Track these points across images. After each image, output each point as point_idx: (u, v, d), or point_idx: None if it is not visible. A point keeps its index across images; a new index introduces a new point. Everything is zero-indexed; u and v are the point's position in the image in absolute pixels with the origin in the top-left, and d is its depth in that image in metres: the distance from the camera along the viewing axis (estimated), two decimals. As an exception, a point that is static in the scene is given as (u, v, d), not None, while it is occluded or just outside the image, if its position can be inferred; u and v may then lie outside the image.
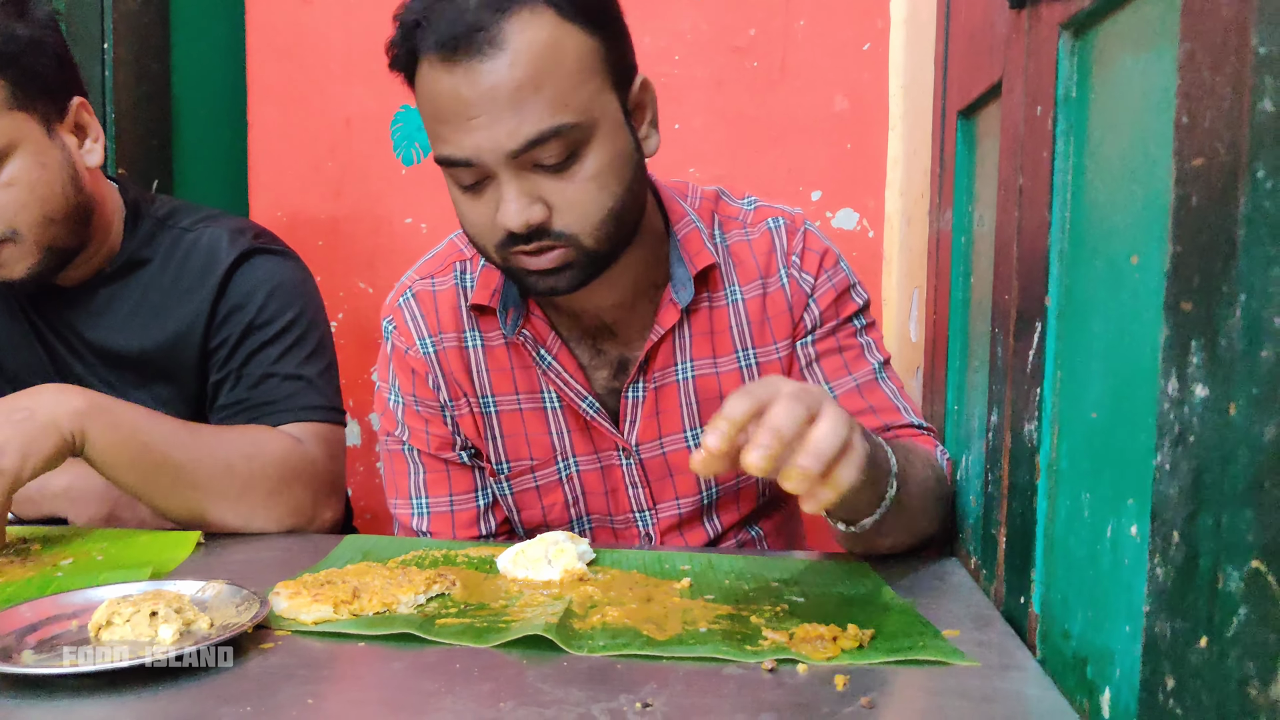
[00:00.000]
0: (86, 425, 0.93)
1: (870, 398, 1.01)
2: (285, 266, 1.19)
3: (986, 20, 0.93)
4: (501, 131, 0.82)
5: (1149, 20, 0.56)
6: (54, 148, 1.05)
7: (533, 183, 0.85)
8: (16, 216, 1.02)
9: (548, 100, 0.82)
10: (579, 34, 0.83)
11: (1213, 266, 0.43)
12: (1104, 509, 0.61)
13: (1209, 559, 0.43)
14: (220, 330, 1.14)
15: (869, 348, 1.04)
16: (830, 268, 1.03)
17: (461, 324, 1.04)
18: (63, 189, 1.05)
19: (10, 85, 1.00)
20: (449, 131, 0.84)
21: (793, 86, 1.71)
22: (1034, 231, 0.73)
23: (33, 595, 0.79)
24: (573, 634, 0.71)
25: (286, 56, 1.84)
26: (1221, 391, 0.42)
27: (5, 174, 1.00)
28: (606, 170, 0.86)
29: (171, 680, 0.65)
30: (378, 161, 1.83)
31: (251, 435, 1.07)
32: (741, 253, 1.03)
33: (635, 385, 1.02)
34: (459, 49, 0.81)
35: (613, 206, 0.88)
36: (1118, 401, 0.60)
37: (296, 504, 1.07)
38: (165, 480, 0.99)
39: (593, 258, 0.89)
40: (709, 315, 1.02)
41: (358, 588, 0.79)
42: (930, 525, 0.94)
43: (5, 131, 1.00)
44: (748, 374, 1.03)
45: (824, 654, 0.67)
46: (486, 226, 0.88)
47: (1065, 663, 0.65)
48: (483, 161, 0.83)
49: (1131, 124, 0.59)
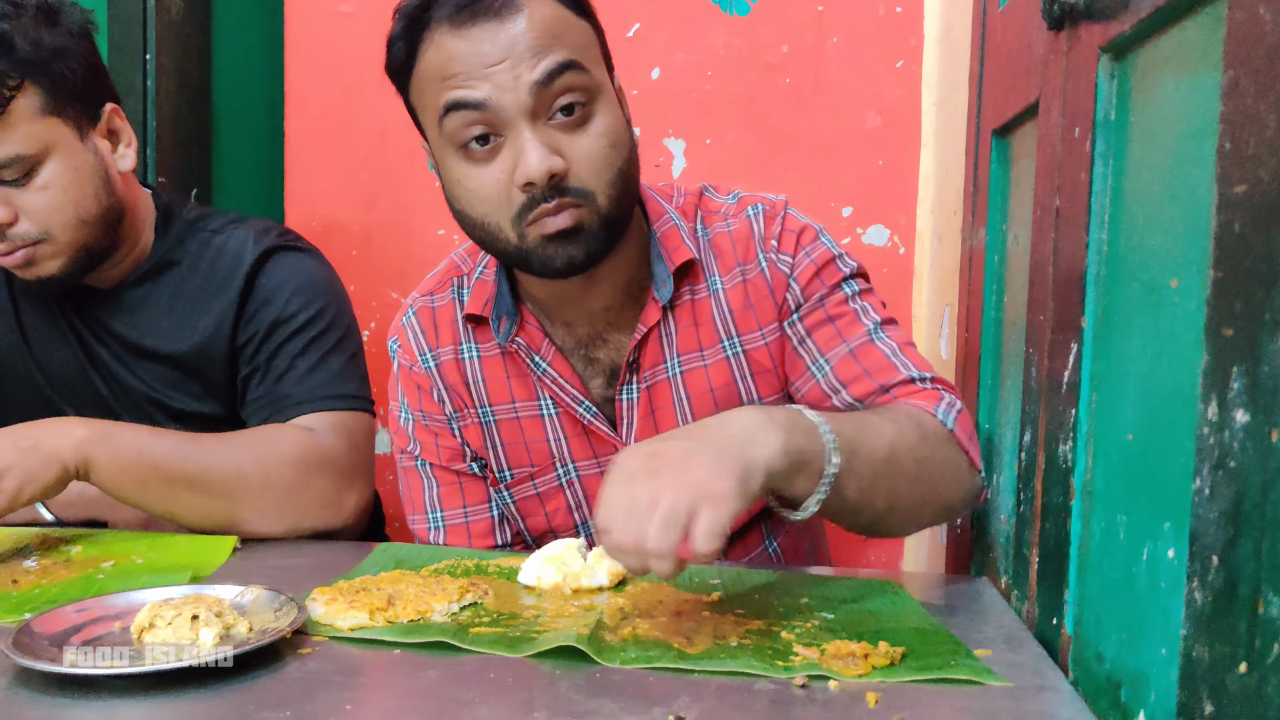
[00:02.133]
0: (89, 453, 0.96)
1: (865, 360, 0.97)
2: (309, 263, 1.22)
3: (1023, 41, 0.93)
4: (523, 68, 0.85)
5: (1191, 45, 0.56)
6: (86, 152, 1.08)
7: (549, 135, 0.87)
8: (50, 219, 1.05)
9: (563, 48, 0.87)
10: (578, 18, 0.91)
11: (1255, 293, 0.43)
12: (1140, 531, 0.61)
13: (1249, 584, 0.43)
14: (247, 327, 1.16)
15: (863, 311, 1.00)
16: (808, 244, 1.02)
17: (458, 336, 1.07)
18: (95, 192, 1.08)
19: (42, 92, 1.03)
20: (464, 79, 0.86)
21: (825, 103, 1.71)
22: (1071, 253, 0.73)
23: (76, 597, 0.81)
24: (605, 646, 0.72)
25: (324, 68, 1.86)
26: (1263, 418, 0.42)
27: (40, 178, 1.04)
28: (614, 131, 0.91)
29: (212, 683, 0.66)
30: (411, 173, 1.85)
31: (260, 436, 1.09)
32: (722, 243, 1.03)
33: (628, 386, 1.03)
34: (477, 14, 0.86)
35: (621, 167, 0.91)
36: (1154, 424, 0.60)
37: (319, 495, 1.08)
38: (180, 494, 1.01)
39: (605, 221, 0.90)
40: (692, 308, 1.03)
41: (392, 595, 0.80)
42: (927, 487, 0.88)
43: (39, 137, 1.03)
44: (735, 363, 1.03)
45: (855, 671, 0.68)
46: (503, 192, 0.89)
47: (1099, 685, 0.65)
48: (501, 105, 0.86)
49: (1172, 148, 0.59)
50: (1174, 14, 0.58)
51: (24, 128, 1.01)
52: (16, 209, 1.03)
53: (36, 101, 1.02)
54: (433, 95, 0.89)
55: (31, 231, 1.05)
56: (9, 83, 0.99)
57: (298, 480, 1.06)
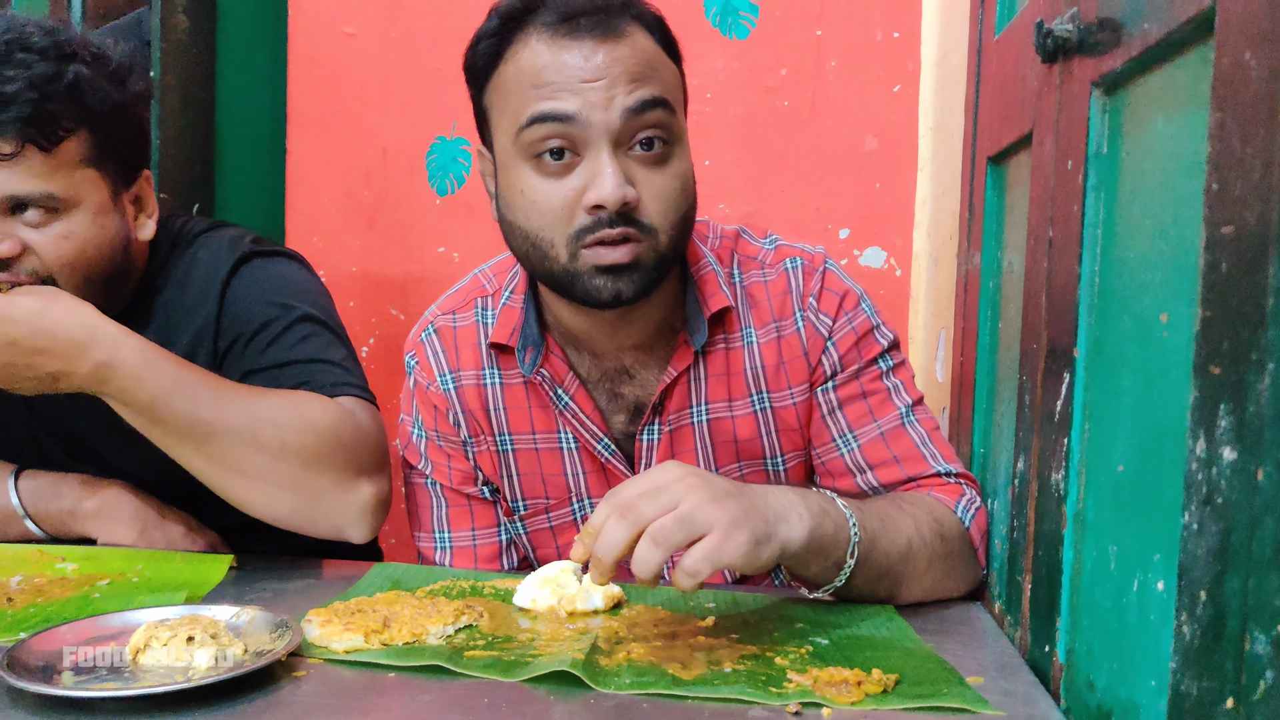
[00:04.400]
0: (106, 374, 0.93)
1: (895, 446, 0.99)
2: (286, 266, 1.17)
3: (1018, 72, 0.94)
4: (619, 92, 0.85)
5: (1181, 84, 0.57)
6: (114, 213, 1.05)
7: (627, 165, 0.87)
8: (61, 268, 1.01)
9: (658, 84, 0.88)
10: (670, 60, 0.93)
11: (1241, 333, 0.44)
12: (1131, 562, 0.61)
13: (1236, 621, 0.43)
14: (227, 334, 1.11)
15: (896, 390, 1.00)
16: (850, 309, 1.00)
17: (481, 361, 1.05)
18: (111, 254, 1.05)
19: (93, 143, 1.01)
20: (555, 91, 0.86)
21: (823, 126, 1.73)
22: (1063, 283, 0.74)
23: (72, 616, 0.81)
24: (599, 671, 0.72)
25: (326, 87, 1.88)
26: (1250, 456, 0.43)
27: (63, 225, 1.00)
28: (687, 176, 0.92)
29: (207, 705, 0.66)
30: (412, 191, 1.87)
31: (293, 399, 1.02)
32: (758, 294, 1.02)
33: (650, 427, 1.02)
34: (582, 27, 0.86)
35: (686, 213, 0.92)
36: (1145, 455, 0.60)
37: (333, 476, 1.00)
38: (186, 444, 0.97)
39: (660, 260, 0.90)
40: (725, 357, 1.01)
41: (388, 617, 0.80)
42: (933, 582, 0.92)
43: (76, 184, 1.00)
44: (762, 418, 1.02)
45: (848, 698, 0.68)
46: (567, 210, 0.87)
47: (1090, 714, 0.66)
48: (590, 123, 0.85)
49: (1162, 183, 0.60)
50: (1164, 53, 0.59)
51: (65, 171, 0.99)
52: (29, 246, 0.99)
53: (84, 150, 1.01)
54: (517, 100, 0.88)
55: (37, 271, 1.00)
56: (66, 125, 0.98)
57: (319, 456, 0.99)
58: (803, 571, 0.84)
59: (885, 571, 0.87)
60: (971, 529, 0.96)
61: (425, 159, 1.85)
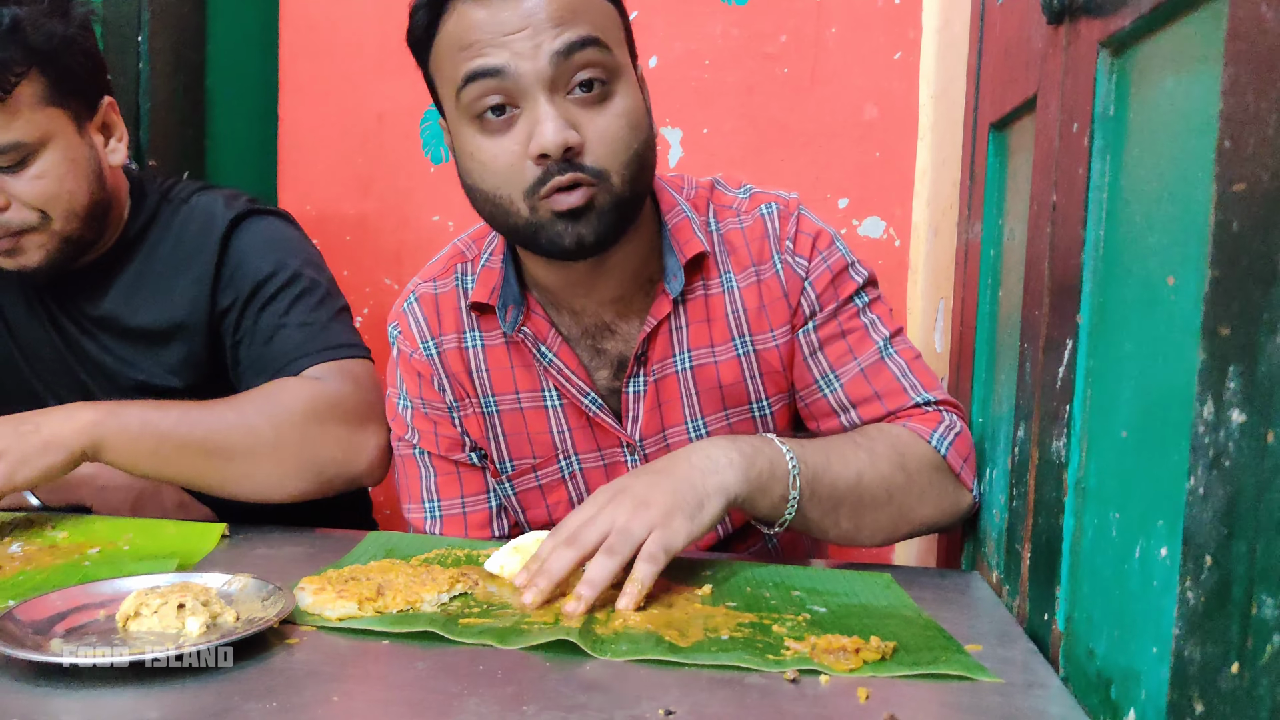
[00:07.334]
0: (98, 435, 0.96)
1: (876, 382, 1.00)
2: (281, 225, 1.21)
3: (1022, 34, 0.92)
4: (544, 38, 0.84)
5: (1191, 42, 0.56)
6: (83, 145, 1.08)
7: (566, 109, 0.86)
8: (43, 208, 1.05)
9: (586, 22, 0.86)
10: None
11: (1253, 293, 0.43)
12: (1133, 529, 0.60)
13: (1242, 585, 0.43)
14: (226, 292, 1.15)
15: (873, 325, 1.02)
16: (825, 249, 1.01)
17: (462, 324, 1.05)
18: (88, 185, 1.08)
19: (47, 81, 1.03)
20: (483, 48, 0.85)
21: (823, 94, 1.71)
22: (1067, 249, 0.73)
23: (61, 584, 0.80)
24: (596, 639, 0.71)
25: (319, 51, 1.85)
26: (1260, 418, 0.42)
27: (36, 167, 1.04)
28: (633, 113, 0.89)
29: (198, 673, 0.65)
30: (407, 158, 1.85)
31: (267, 393, 1.08)
32: (735, 240, 1.02)
33: (635, 379, 1.02)
34: None
35: (638, 150, 0.90)
36: (1149, 421, 0.59)
37: (335, 443, 1.08)
38: (195, 461, 1.01)
39: (617, 202, 0.89)
40: (705, 303, 1.02)
41: (382, 585, 0.80)
42: (898, 510, 0.94)
43: (40, 125, 1.03)
44: (745, 362, 1.03)
45: (846, 665, 0.67)
46: (516, 164, 0.87)
47: (1089, 682, 0.65)
48: (520, 73, 0.84)
49: (1171, 145, 0.58)
50: (1174, 10, 0.57)
51: (25, 115, 1.01)
52: (9, 195, 1.03)
53: (40, 90, 1.02)
54: (451, 65, 0.88)
55: (23, 219, 1.04)
56: (16, 69, 0.99)
57: (310, 431, 1.06)
58: (754, 511, 0.88)
59: (839, 501, 0.91)
60: (949, 455, 0.96)
61: (420, 126, 1.83)
